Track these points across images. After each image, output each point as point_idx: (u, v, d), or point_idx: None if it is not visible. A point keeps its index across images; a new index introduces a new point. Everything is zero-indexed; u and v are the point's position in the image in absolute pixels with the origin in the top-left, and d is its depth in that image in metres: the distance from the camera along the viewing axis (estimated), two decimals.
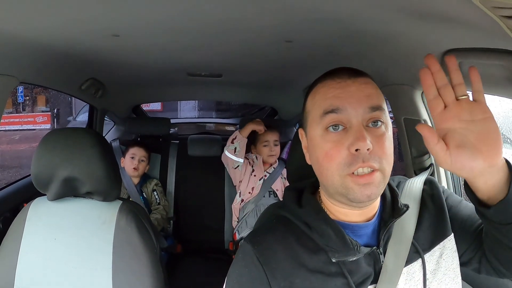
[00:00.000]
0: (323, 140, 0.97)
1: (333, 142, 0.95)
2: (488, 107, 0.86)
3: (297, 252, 1.01)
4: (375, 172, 0.92)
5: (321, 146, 0.97)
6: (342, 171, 0.93)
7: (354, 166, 0.92)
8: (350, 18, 1.19)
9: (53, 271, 1.55)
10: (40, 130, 13.66)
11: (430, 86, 0.87)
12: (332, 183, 0.96)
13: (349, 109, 0.95)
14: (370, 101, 0.96)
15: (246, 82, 2.90)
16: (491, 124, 0.84)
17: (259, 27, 1.35)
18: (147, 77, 2.64)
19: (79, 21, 1.33)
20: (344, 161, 0.93)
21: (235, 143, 2.88)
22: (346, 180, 0.93)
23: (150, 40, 1.60)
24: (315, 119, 1.00)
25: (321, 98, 1.00)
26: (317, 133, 0.99)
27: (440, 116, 0.87)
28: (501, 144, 0.84)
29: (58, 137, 1.58)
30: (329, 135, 0.96)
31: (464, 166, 0.85)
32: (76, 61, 1.98)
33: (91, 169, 1.55)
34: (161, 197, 3.13)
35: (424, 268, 1.06)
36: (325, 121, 0.97)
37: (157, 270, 1.62)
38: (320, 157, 0.98)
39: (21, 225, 1.59)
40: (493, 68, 1.13)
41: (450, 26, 1.05)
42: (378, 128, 0.96)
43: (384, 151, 0.94)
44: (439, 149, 0.85)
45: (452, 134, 0.86)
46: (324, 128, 0.97)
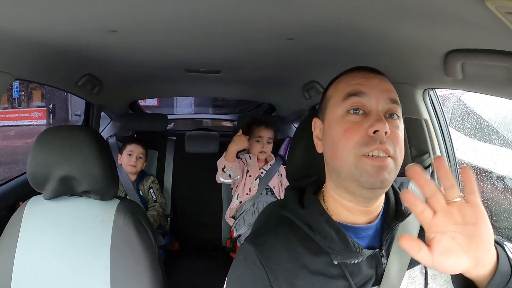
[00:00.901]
0: (343, 121, 0.99)
1: (353, 123, 0.98)
2: (481, 209, 0.82)
3: (299, 254, 1.01)
4: (389, 158, 0.94)
5: (340, 126, 0.99)
6: (359, 151, 0.95)
7: (371, 146, 0.93)
8: (352, 16, 1.18)
9: (51, 271, 1.53)
10: (36, 126, 13.63)
11: (415, 204, 0.83)
12: (346, 163, 0.96)
13: (371, 96, 0.99)
14: (390, 94, 1.01)
15: (245, 78, 2.90)
16: (484, 228, 0.81)
17: (260, 23, 1.34)
18: (144, 73, 2.63)
19: (75, 17, 1.32)
20: (362, 141, 0.95)
21: (226, 172, 2.84)
22: (361, 160, 0.94)
23: (148, 36, 1.58)
24: (337, 102, 1.03)
25: (345, 85, 1.04)
26: (337, 114, 1.01)
27: (430, 224, 0.83)
28: (492, 247, 0.83)
29: (54, 136, 1.56)
30: (350, 116, 0.99)
31: (447, 270, 0.84)
32: (72, 57, 1.96)
33: (88, 167, 1.53)
34: (158, 194, 3.11)
35: (426, 272, 1.05)
36: (347, 103, 1.00)
37: (155, 270, 1.60)
38: (337, 137, 0.99)
39: (17, 224, 1.57)
40: (496, 70, 1.13)
41: (455, 27, 1.04)
42: (394, 120, 1.00)
43: (398, 141, 0.97)
44: (422, 257, 0.82)
45: (439, 238, 0.82)
46: (345, 110, 1.00)
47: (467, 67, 1.24)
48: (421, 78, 1.58)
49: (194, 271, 2.95)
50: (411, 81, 1.64)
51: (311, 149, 1.13)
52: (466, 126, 3.14)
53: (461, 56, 1.20)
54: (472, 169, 2.82)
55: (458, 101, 3.25)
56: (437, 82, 1.51)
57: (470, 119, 3.14)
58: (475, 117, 3.12)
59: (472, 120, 3.13)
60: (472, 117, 3.14)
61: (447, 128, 1.79)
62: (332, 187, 1.06)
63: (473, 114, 3.14)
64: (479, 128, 3.09)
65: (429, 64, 1.39)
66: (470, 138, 3.10)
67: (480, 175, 2.84)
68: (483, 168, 2.86)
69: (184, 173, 3.39)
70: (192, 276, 2.87)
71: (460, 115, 3.21)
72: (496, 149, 2.91)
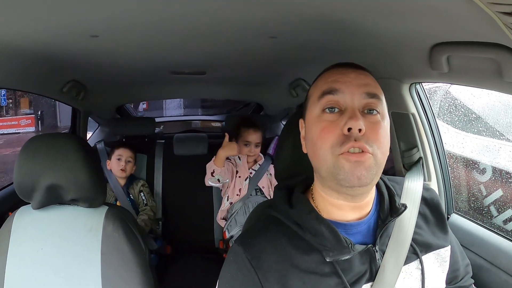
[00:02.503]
0: (319, 120, 1.00)
1: (328, 122, 0.98)
2: None
3: (289, 253, 1.00)
4: (366, 153, 0.93)
5: (317, 126, 1.00)
6: (335, 150, 0.94)
7: (346, 145, 0.93)
8: (335, 13, 1.17)
9: (42, 282, 1.52)
10: (25, 134, 13.57)
11: None
12: (325, 162, 0.97)
13: (346, 92, 0.98)
14: (367, 88, 1.00)
15: (231, 78, 2.89)
16: None
17: (243, 23, 1.33)
18: (129, 77, 2.61)
19: (56, 23, 1.30)
20: (337, 140, 0.95)
21: (215, 176, 2.83)
22: (338, 159, 0.94)
23: (130, 40, 1.57)
24: (314, 102, 1.03)
25: (322, 82, 1.04)
26: (314, 114, 1.02)
27: None
28: None
29: (39, 144, 1.55)
30: (325, 115, 0.99)
31: None
32: (55, 63, 1.94)
33: (75, 175, 1.51)
34: (148, 198, 3.10)
35: (422, 267, 1.07)
36: (322, 101, 1.00)
37: (147, 275, 1.60)
38: (315, 137, 1.00)
39: (7, 235, 1.56)
40: (482, 62, 1.13)
41: (439, 20, 1.04)
42: (373, 115, 0.98)
43: (377, 137, 0.96)
44: None
45: None
46: (321, 109, 1.00)
47: (452, 60, 1.24)
48: (407, 73, 1.57)
49: (188, 274, 2.94)
50: (397, 76, 1.64)
51: (298, 148, 1.13)
52: (454, 118, 3.16)
53: (447, 49, 1.19)
54: (461, 160, 2.84)
55: (446, 94, 3.27)
56: (423, 76, 1.51)
57: (458, 111, 3.16)
58: (463, 109, 3.14)
59: (460, 113, 3.15)
60: (460, 109, 3.16)
61: (434, 121, 1.79)
62: (319, 186, 1.06)
63: (461, 106, 3.16)
64: (467, 120, 3.10)
65: (415, 58, 1.39)
66: (459, 130, 3.12)
67: (469, 166, 2.86)
68: (472, 160, 2.88)
69: (174, 176, 3.37)
70: (186, 279, 2.86)
71: (448, 108, 3.23)
72: (484, 140, 2.92)
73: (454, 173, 2.80)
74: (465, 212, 2.56)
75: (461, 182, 2.85)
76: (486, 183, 2.69)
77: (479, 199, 2.67)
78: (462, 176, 2.87)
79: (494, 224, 2.52)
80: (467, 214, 1.82)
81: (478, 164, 2.81)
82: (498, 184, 2.61)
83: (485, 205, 2.61)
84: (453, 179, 2.01)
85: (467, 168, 2.86)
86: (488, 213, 2.58)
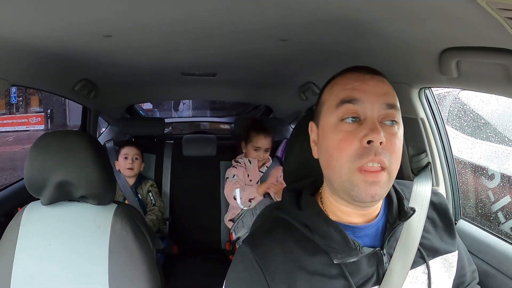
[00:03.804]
0: (337, 130, 0.97)
1: (347, 133, 0.95)
2: None
3: (296, 255, 1.00)
4: (383, 171, 0.92)
5: (334, 136, 0.97)
6: (352, 164, 0.93)
7: (365, 158, 0.91)
8: (346, 17, 1.17)
9: (50, 277, 1.53)
10: (34, 131, 13.64)
11: None
12: (340, 176, 0.95)
13: (366, 102, 0.96)
14: (387, 98, 0.97)
15: (241, 81, 2.89)
16: None
17: (253, 26, 1.33)
18: (140, 77, 2.62)
19: (69, 22, 1.31)
20: (356, 153, 0.93)
21: (252, 202, 2.81)
22: (354, 175, 0.93)
23: (143, 40, 1.58)
24: (330, 108, 1.00)
25: (339, 89, 1.00)
26: (331, 122, 0.99)
27: None
28: None
29: (50, 141, 1.56)
30: (344, 125, 0.96)
31: None
32: (68, 62, 1.96)
33: (85, 172, 1.52)
34: (157, 198, 3.10)
35: (429, 272, 1.06)
36: (341, 110, 0.97)
37: (154, 274, 1.60)
38: (331, 147, 0.97)
39: (16, 230, 1.57)
40: (491, 67, 1.12)
41: (449, 25, 1.04)
42: (392, 126, 0.97)
43: (394, 149, 0.95)
44: None
45: None
46: (339, 118, 0.97)
47: (462, 65, 1.24)
48: (416, 77, 1.57)
49: (194, 274, 2.94)
50: (406, 80, 1.63)
51: (307, 151, 1.12)
52: (463, 124, 3.14)
53: (456, 54, 1.19)
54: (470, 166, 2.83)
55: (455, 100, 3.26)
56: (433, 80, 1.50)
57: (467, 117, 3.15)
58: (472, 115, 3.13)
59: (469, 118, 3.13)
60: (469, 115, 3.14)
61: (443, 126, 1.78)
62: (328, 192, 1.05)
63: (470, 112, 3.14)
64: (476, 126, 3.09)
65: (424, 62, 1.38)
66: (468, 136, 3.11)
67: (477, 172, 2.85)
68: (480, 166, 2.87)
69: (182, 176, 3.37)
70: (192, 279, 2.86)
71: (457, 114, 3.22)
72: (493, 147, 2.91)
73: (462, 179, 2.79)
74: (472, 218, 2.55)
75: (469, 188, 2.84)
76: (494, 189, 2.68)
77: (487, 205, 2.66)
78: (470, 182, 2.86)
79: (502, 230, 2.51)
80: (474, 220, 1.81)
81: (486, 170, 2.79)
82: (506, 191, 2.60)
83: (493, 211, 2.60)
84: (461, 185, 2.01)
85: (475, 174, 2.85)
86: (496, 219, 2.57)
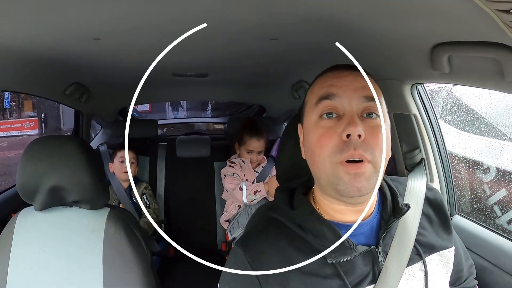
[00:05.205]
0: (317, 127, 0.97)
1: (326, 129, 0.95)
2: None
3: (290, 255, 1.00)
4: (365, 162, 0.91)
5: (314, 133, 0.97)
6: (333, 158, 0.92)
7: (345, 153, 0.91)
8: (335, 15, 1.17)
9: (45, 283, 1.52)
10: (28, 136, 13.61)
11: None
12: (324, 171, 0.95)
13: (343, 97, 0.96)
14: (365, 91, 0.97)
15: (233, 80, 2.89)
16: None
17: (243, 25, 1.33)
18: (131, 80, 2.61)
19: (58, 26, 1.31)
20: (336, 148, 0.92)
21: (257, 195, 2.78)
22: (337, 168, 0.92)
23: (132, 42, 1.57)
24: (311, 108, 1.01)
25: (318, 87, 1.01)
26: (312, 120, 0.99)
27: None
28: None
29: (42, 146, 1.55)
30: (323, 122, 0.96)
31: None
32: (58, 66, 1.95)
33: (77, 177, 1.52)
34: (151, 201, 3.10)
35: (426, 269, 1.06)
36: (319, 107, 0.97)
37: (148, 277, 1.60)
38: (312, 144, 0.98)
39: (10, 237, 1.56)
40: (483, 62, 1.12)
41: (439, 20, 1.03)
42: (373, 119, 0.96)
43: (377, 142, 0.94)
44: None
45: None
46: (318, 115, 0.97)
47: (454, 60, 1.23)
48: (408, 73, 1.57)
49: (190, 276, 2.94)
50: (398, 77, 1.63)
51: (299, 150, 1.12)
52: (457, 119, 3.15)
53: (448, 49, 1.19)
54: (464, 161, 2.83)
55: (448, 95, 3.26)
56: (425, 76, 1.50)
57: (460, 112, 3.15)
58: (465, 110, 3.14)
59: (463, 113, 3.14)
60: (462, 110, 3.15)
61: (436, 122, 1.78)
62: (319, 192, 1.05)
63: (463, 107, 3.15)
64: (469, 121, 3.10)
65: (416, 58, 1.38)
66: (461, 131, 3.12)
67: (472, 167, 2.85)
68: (474, 160, 2.87)
69: (176, 178, 3.37)
70: (189, 281, 2.85)
71: (450, 109, 3.23)
72: (487, 141, 2.92)
73: (456, 174, 2.80)
74: (468, 213, 2.56)
75: (463, 183, 2.84)
76: (489, 183, 2.68)
77: (482, 200, 2.66)
78: (465, 177, 2.86)
79: (498, 224, 2.51)
80: (470, 215, 1.81)
81: (480, 164, 2.80)
82: (501, 184, 2.61)
83: (489, 205, 2.61)
84: (456, 180, 2.01)
85: (470, 169, 2.86)
86: (492, 213, 2.58)
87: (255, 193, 2.78)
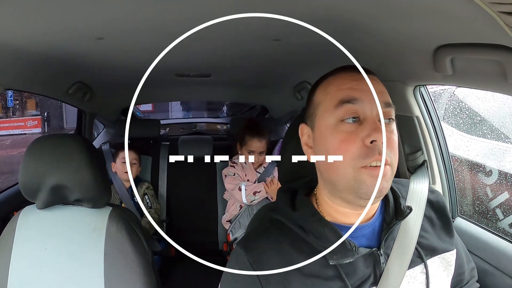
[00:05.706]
0: (336, 131, 0.96)
1: (347, 133, 0.94)
2: None
3: (291, 256, 0.99)
4: (386, 165, 0.92)
5: (334, 137, 0.96)
6: (357, 163, 0.92)
7: (370, 158, 0.91)
8: (339, 16, 1.17)
9: (45, 281, 1.52)
10: (31, 135, 13.63)
11: None
12: (344, 176, 0.94)
13: (365, 102, 0.95)
14: (383, 97, 0.97)
15: (236, 81, 2.88)
16: None
17: (246, 26, 1.33)
18: (134, 79, 2.61)
19: (62, 26, 1.31)
20: (359, 152, 0.92)
21: (257, 196, 2.78)
22: (360, 173, 0.92)
23: (135, 42, 1.58)
24: (328, 110, 0.98)
25: (335, 89, 0.99)
26: (329, 123, 0.97)
27: None
28: None
29: (44, 144, 1.55)
30: (344, 126, 0.95)
31: None
32: (61, 65, 1.95)
33: (79, 176, 1.52)
34: (153, 201, 3.10)
35: (427, 272, 1.05)
36: (340, 111, 0.96)
37: (149, 277, 1.59)
38: (331, 148, 0.96)
39: (11, 235, 1.56)
40: (486, 64, 1.12)
41: (442, 22, 1.03)
42: (389, 124, 0.96)
43: (394, 146, 0.95)
44: None
45: None
46: (339, 118, 0.96)
47: (456, 62, 1.23)
48: (411, 75, 1.57)
49: (191, 276, 2.94)
50: (401, 78, 1.63)
51: (302, 151, 1.11)
52: (459, 121, 3.14)
53: (450, 51, 1.19)
54: (466, 163, 2.83)
55: (451, 97, 3.26)
56: (427, 78, 1.50)
57: (463, 114, 3.15)
58: (468, 112, 3.13)
59: (465, 115, 3.13)
60: (465, 112, 3.14)
61: (439, 124, 1.78)
62: (327, 195, 1.04)
63: (466, 109, 3.14)
64: (472, 123, 3.09)
65: (419, 60, 1.38)
66: (464, 133, 3.11)
67: (474, 170, 2.85)
68: (477, 163, 2.87)
69: (178, 178, 3.37)
70: (189, 281, 2.85)
71: (453, 111, 3.22)
72: (490, 143, 2.91)
73: (458, 177, 2.79)
74: (470, 216, 2.55)
75: (465, 185, 2.84)
76: (491, 186, 2.67)
77: (484, 202, 2.66)
78: (467, 179, 2.86)
79: (500, 227, 2.50)
80: (472, 218, 1.81)
81: (483, 167, 2.79)
82: (503, 187, 2.60)
83: (491, 208, 2.60)
84: (458, 183, 2.00)
85: (472, 171, 2.85)
86: (494, 216, 2.57)
87: (254, 194, 2.78)
